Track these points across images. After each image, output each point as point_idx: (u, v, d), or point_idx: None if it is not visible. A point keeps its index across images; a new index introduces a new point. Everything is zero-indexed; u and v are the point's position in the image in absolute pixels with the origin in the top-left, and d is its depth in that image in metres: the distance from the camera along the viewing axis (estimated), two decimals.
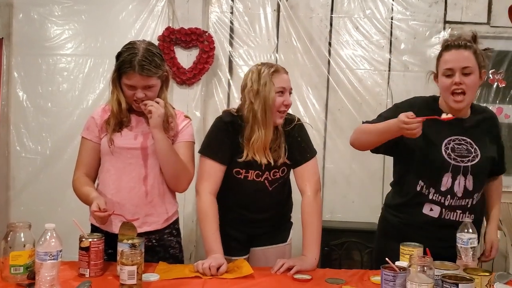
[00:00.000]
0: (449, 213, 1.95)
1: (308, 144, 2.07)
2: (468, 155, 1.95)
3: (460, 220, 1.92)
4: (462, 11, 3.59)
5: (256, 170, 2.00)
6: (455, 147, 1.95)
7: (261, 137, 1.93)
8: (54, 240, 1.48)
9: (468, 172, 1.93)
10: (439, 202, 1.94)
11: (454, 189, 1.93)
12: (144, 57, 1.86)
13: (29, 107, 3.61)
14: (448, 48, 1.93)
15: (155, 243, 1.97)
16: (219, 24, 3.61)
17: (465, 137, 1.97)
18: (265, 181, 2.02)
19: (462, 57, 1.89)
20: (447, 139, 1.96)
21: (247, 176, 2.01)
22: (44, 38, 3.60)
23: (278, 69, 1.99)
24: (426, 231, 1.93)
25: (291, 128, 2.02)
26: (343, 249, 3.40)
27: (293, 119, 2.06)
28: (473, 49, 1.91)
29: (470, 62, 1.89)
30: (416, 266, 1.43)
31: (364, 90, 3.62)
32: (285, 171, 2.05)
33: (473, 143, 1.97)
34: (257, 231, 2.11)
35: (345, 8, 3.64)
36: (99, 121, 1.99)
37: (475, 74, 1.90)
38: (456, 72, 1.88)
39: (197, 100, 3.54)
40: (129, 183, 1.93)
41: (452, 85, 1.89)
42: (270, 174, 2.02)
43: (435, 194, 1.95)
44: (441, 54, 1.96)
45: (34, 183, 3.58)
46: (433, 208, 1.96)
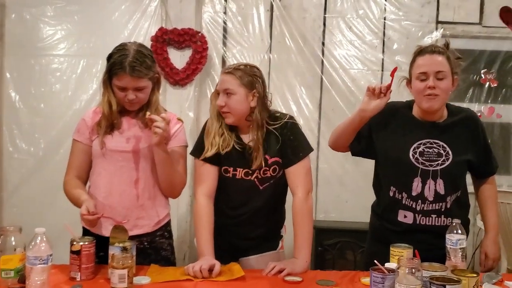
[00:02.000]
0: (424, 218, 1.97)
1: (301, 143, 2.02)
2: (438, 159, 1.95)
3: (436, 224, 1.95)
4: (454, 11, 3.61)
5: (245, 168, 1.99)
6: (425, 151, 1.97)
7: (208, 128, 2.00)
8: (44, 244, 1.48)
9: (437, 176, 1.94)
10: (411, 208, 1.97)
11: (425, 194, 1.95)
12: (135, 58, 1.86)
13: (21, 108, 3.60)
14: (422, 53, 1.96)
15: (147, 245, 1.98)
16: (212, 24, 3.61)
17: (438, 140, 1.98)
18: (255, 180, 2.00)
19: (436, 61, 1.93)
20: (417, 143, 1.98)
21: (235, 174, 2.01)
22: (36, 38, 3.59)
23: (222, 70, 2.04)
24: (406, 236, 1.92)
25: (281, 126, 1.98)
26: (337, 249, 3.41)
27: (282, 118, 2.01)
28: (446, 55, 1.95)
29: (443, 66, 1.92)
30: (405, 268, 1.44)
31: (357, 90, 3.63)
32: (277, 170, 2.01)
33: (446, 146, 1.97)
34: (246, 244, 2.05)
35: (338, 8, 3.65)
36: (90, 123, 1.98)
37: (448, 79, 1.94)
38: (430, 76, 1.92)
39: (190, 101, 3.54)
40: (120, 186, 1.94)
41: (425, 89, 1.92)
42: (260, 173, 1.99)
43: (407, 199, 1.97)
44: (415, 59, 1.99)
45: (26, 184, 3.57)
46: (407, 214, 1.98)
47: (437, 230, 1.93)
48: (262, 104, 1.98)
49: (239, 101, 1.94)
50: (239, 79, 1.94)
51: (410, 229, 1.97)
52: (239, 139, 2.01)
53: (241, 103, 1.95)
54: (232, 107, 1.95)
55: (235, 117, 1.97)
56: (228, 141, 1.98)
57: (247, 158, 1.98)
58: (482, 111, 3.65)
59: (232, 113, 1.96)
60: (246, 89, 1.95)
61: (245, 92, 1.95)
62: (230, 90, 1.94)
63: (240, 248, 2.05)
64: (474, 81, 3.67)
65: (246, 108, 1.96)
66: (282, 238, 2.14)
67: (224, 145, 1.97)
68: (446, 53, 1.95)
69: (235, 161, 2.00)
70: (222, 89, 1.96)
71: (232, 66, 2.00)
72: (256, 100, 1.96)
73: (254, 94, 1.96)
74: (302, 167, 2.00)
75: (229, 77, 1.95)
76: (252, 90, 1.95)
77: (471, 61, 3.63)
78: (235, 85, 1.94)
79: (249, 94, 1.95)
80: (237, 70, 1.96)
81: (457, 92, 3.64)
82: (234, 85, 1.94)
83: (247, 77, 1.95)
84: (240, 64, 2.02)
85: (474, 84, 3.67)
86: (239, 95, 1.94)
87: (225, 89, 1.95)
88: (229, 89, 1.94)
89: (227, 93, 1.94)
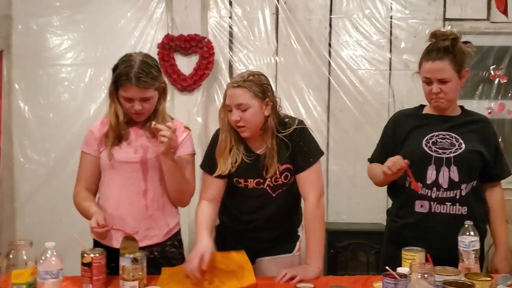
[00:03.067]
0: (438, 206, 1.98)
1: (311, 148, 1.98)
2: (451, 147, 1.99)
3: (451, 212, 1.96)
4: (461, 7, 3.58)
5: (256, 178, 1.97)
6: (438, 141, 2.00)
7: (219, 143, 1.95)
8: (54, 258, 1.49)
9: (451, 163, 1.96)
10: (427, 196, 1.98)
11: (439, 181, 1.97)
12: (141, 69, 1.86)
13: (31, 119, 3.63)
14: (427, 58, 1.99)
15: (158, 255, 1.97)
16: (218, 29, 3.61)
17: (450, 132, 2.02)
18: (267, 188, 1.99)
19: (438, 69, 1.95)
20: (430, 135, 2.02)
21: (247, 185, 1.99)
22: (43, 48, 3.62)
23: (229, 84, 1.94)
24: (421, 232, 1.96)
25: (290, 133, 1.95)
26: (349, 250, 3.40)
27: (292, 123, 1.97)
28: (450, 57, 1.95)
29: (445, 73, 1.95)
30: (417, 273, 1.43)
31: (365, 90, 3.62)
32: (289, 177, 1.99)
33: (459, 137, 2.00)
34: (263, 246, 2.04)
35: (344, 9, 3.63)
36: (97, 135, 1.99)
37: (452, 81, 1.97)
38: (433, 82, 1.97)
39: (198, 106, 3.54)
40: (129, 197, 1.94)
41: (431, 94, 1.99)
42: (272, 180, 1.98)
43: (423, 188, 1.99)
44: (421, 61, 2.02)
45: (38, 194, 3.60)
46: (423, 204, 2.00)
47: (452, 219, 1.94)
48: (275, 111, 1.95)
49: (255, 113, 1.88)
50: (250, 91, 1.87)
51: (425, 219, 1.98)
52: (248, 149, 1.98)
53: (256, 115, 1.89)
54: (248, 121, 1.89)
55: (251, 130, 1.92)
56: (236, 155, 1.95)
57: (258, 168, 1.95)
58: (492, 107, 3.61)
59: (248, 127, 1.90)
60: (260, 100, 1.89)
61: (259, 103, 1.89)
62: (244, 104, 1.87)
63: (256, 250, 2.04)
64: (483, 78, 3.63)
65: (262, 119, 1.92)
66: (300, 239, 2.11)
67: (233, 160, 1.95)
68: (451, 55, 1.95)
69: (245, 173, 1.97)
70: (234, 104, 1.88)
71: (240, 78, 1.91)
72: (270, 108, 1.92)
73: (267, 103, 1.91)
74: (313, 173, 1.97)
75: (240, 91, 1.88)
76: (265, 99, 1.90)
77: (480, 58, 3.59)
78: (248, 98, 1.87)
79: (262, 104, 1.90)
80: (247, 82, 1.88)
81: (466, 89, 3.62)
82: (247, 98, 1.87)
83: (258, 87, 1.89)
84: (247, 74, 1.92)
85: (483, 80, 3.64)
86: (253, 107, 1.88)
87: (238, 104, 1.87)
88: (243, 104, 1.87)
89: (241, 108, 1.88)
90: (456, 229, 1.83)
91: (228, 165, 1.94)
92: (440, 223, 1.96)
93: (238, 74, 1.98)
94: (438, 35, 2.00)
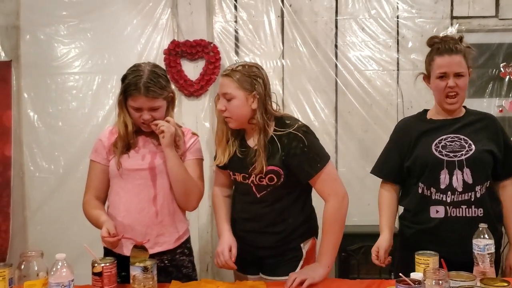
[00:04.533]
0: (454, 210, 1.96)
1: (316, 153, 1.90)
2: (461, 150, 1.98)
3: (467, 215, 1.95)
4: (469, 5, 3.53)
5: (242, 173, 1.95)
6: (447, 145, 2.00)
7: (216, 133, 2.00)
8: (65, 269, 1.49)
9: (463, 166, 1.95)
10: (442, 201, 1.97)
11: (453, 185, 1.95)
12: (149, 79, 1.87)
13: (40, 127, 3.65)
14: (441, 53, 1.99)
15: (168, 263, 1.98)
16: (223, 34, 3.61)
17: (458, 134, 2.01)
18: (251, 184, 1.94)
19: (455, 62, 1.97)
20: (438, 139, 2.01)
21: (235, 178, 2.00)
22: (51, 57, 3.63)
23: (221, 73, 2.01)
24: (438, 237, 1.95)
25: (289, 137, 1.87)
26: (361, 253, 3.36)
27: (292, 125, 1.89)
28: (462, 52, 1.99)
29: (462, 67, 1.98)
30: (431, 279, 1.41)
31: (373, 91, 3.59)
32: (274, 180, 1.89)
33: (468, 139, 2.00)
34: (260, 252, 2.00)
35: (350, 10, 3.60)
36: (106, 144, 2.00)
37: (466, 76, 2.00)
38: (450, 76, 1.97)
39: (205, 111, 3.54)
40: (139, 205, 1.94)
41: (446, 88, 1.98)
42: (256, 179, 1.91)
43: (437, 193, 1.97)
44: (433, 57, 2.02)
45: (49, 202, 3.61)
46: (438, 209, 1.98)
47: (469, 221, 1.92)
48: (263, 106, 1.88)
49: (239, 105, 1.86)
50: (236, 81, 1.85)
51: (442, 224, 1.97)
52: (243, 143, 1.98)
53: (241, 107, 1.86)
54: (232, 112, 1.87)
55: (236, 121, 1.90)
56: (230, 147, 1.96)
57: (246, 162, 1.92)
58: (503, 105, 3.56)
59: (233, 118, 1.89)
60: (245, 92, 1.85)
61: (244, 95, 1.85)
62: (228, 94, 1.86)
63: (260, 256, 2.00)
64: (493, 76, 3.58)
65: (247, 112, 1.88)
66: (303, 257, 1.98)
67: (229, 151, 1.96)
68: (463, 50, 1.99)
69: (236, 166, 1.97)
70: (221, 93, 1.89)
71: (230, 67, 1.90)
72: (257, 102, 1.87)
73: (255, 95, 1.86)
74: (326, 175, 1.90)
75: (227, 80, 1.86)
76: (251, 92, 1.86)
77: (489, 55, 3.54)
78: (233, 88, 1.85)
79: (248, 96, 1.86)
80: (235, 72, 1.86)
81: (476, 87, 3.58)
82: (232, 88, 1.85)
83: (245, 78, 1.85)
84: (239, 64, 1.91)
85: (493, 78, 3.59)
86: (238, 98, 1.85)
87: (224, 93, 1.87)
88: (228, 93, 1.86)
89: (226, 97, 1.87)
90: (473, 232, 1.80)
91: (226, 155, 1.96)
92: (457, 227, 1.94)
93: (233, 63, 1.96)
94: (448, 37, 2.04)
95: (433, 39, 2.05)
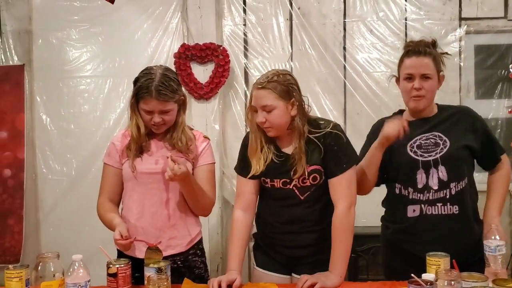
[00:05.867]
0: (430, 208, 1.98)
1: (345, 153, 1.92)
2: (436, 148, 1.99)
3: (442, 213, 1.96)
4: (477, 6, 3.53)
5: (283, 178, 1.94)
6: (422, 144, 2.01)
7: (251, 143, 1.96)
8: (82, 270, 1.52)
9: (439, 164, 1.97)
10: (418, 200, 1.99)
11: (429, 184, 1.97)
12: (161, 82, 1.89)
13: (52, 130, 3.70)
14: (409, 54, 2.01)
15: (180, 264, 2.00)
16: (233, 37, 3.64)
17: (433, 132, 2.02)
18: (294, 189, 1.94)
19: (422, 64, 1.98)
20: (413, 139, 2.02)
21: (273, 185, 1.97)
22: (63, 61, 3.69)
23: (254, 85, 1.91)
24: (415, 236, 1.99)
25: (324, 136, 1.90)
26: (370, 254, 3.37)
27: (326, 126, 1.93)
28: (432, 56, 1.99)
29: (429, 69, 1.98)
30: (443, 280, 1.42)
31: (382, 93, 3.59)
32: (317, 179, 1.93)
33: (442, 135, 2.01)
34: (297, 252, 1.99)
35: (358, 12, 3.62)
36: (119, 147, 2.03)
37: (433, 79, 2.00)
38: (416, 78, 1.98)
39: (215, 113, 3.57)
40: (152, 208, 1.97)
41: (412, 90, 1.99)
42: (299, 181, 1.93)
43: (414, 193, 2.00)
44: (402, 59, 2.05)
45: (61, 204, 3.67)
46: (415, 208, 2.00)
47: (444, 219, 1.95)
48: (301, 111, 1.91)
49: (280, 114, 1.87)
50: (275, 92, 1.85)
51: (417, 223, 1.99)
52: (278, 149, 1.97)
53: (281, 116, 1.88)
54: (273, 122, 1.88)
55: (277, 130, 1.91)
56: (267, 154, 1.95)
57: (286, 168, 1.93)
58: None
59: (274, 128, 1.90)
60: (284, 101, 1.87)
61: (284, 104, 1.87)
62: (268, 106, 1.86)
63: (297, 256, 2.00)
64: (502, 77, 3.57)
65: (288, 119, 1.90)
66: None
67: (264, 159, 1.94)
68: (433, 54, 2.00)
69: (273, 173, 1.95)
70: (259, 106, 1.88)
71: (264, 79, 1.88)
72: (296, 109, 1.90)
73: (293, 103, 1.89)
74: (345, 179, 1.90)
75: (264, 92, 1.86)
76: (290, 99, 1.88)
77: (498, 57, 3.54)
78: (272, 99, 1.86)
79: (288, 104, 1.88)
80: (271, 83, 1.86)
81: (485, 88, 3.57)
82: (272, 99, 1.86)
83: (282, 87, 1.87)
84: (272, 75, 1.89)
85: (502, 79, 3.58)
86: (278, 109, 1.86)
87: (262, 106, 1.87)
88: (267, 105, 1.86)
89: (266, 109, 1.87)
90: (448, 229, 1.91)
91: (261, 164, 1.94)
92: (431, 225, 1.97)
93: (263, 74, 1.94)
94: (415, 41, 2.07)
95: (408, 43, 2.10)
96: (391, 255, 2.14)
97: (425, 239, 1.96)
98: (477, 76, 3.57)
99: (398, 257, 2.07)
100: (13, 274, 1.63)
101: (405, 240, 2.02)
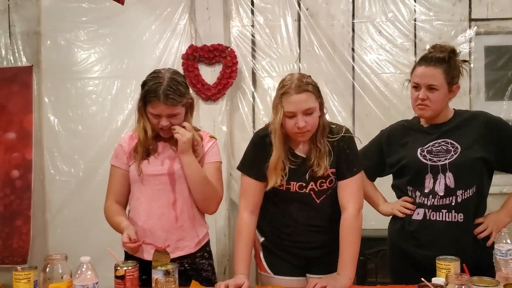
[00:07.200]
0: (434, 214, 1.97)
1: (356, 157, 1.96)
2: (446, 155, 1.97)
3: (447, 220, 1.95)
4: (487, 7, 3.50)
5: (299, 182, 1.93)
6: (433, 149, 2.00)
7: (273, 159, 1.89)
8: (90, 272, 1.52)
9: (446, 170, 1.95)
10: (423, 204, 1.99)
11: (435, 189, 1.96)
12: (169, 86, 1.89)
13: (60, 131, 3.71)
14: (420, 63, 1.99)
15: (188, 267, 2.00)
16: (240, 38, 3.63)
17: (445, 138, 2.00)
18: (310, 192, 1.95)
19: (429, 74, 1.94)
20: (425, 145, 2.01)
21: (289, 188, 1.95)
22: (71, 63, 3.70)
23: (288, 90, 1.84)
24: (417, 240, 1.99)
25: (338, 139, 1.92)
26: (379, 257, 3.34)
27: (339, 130, 1.95)
28: (444, 67, 1.94)
29: (435, 80, 1.94)
30: (454, 284, 1.40)
31: (391, 94, 3.56)
32: (334, 182, 1.95)
33: (454, 142, 1.98)
34: (312, 253, 2.01)
35: (367, 13, 3.59)
36: (127, 149, 2.03)
37: (441, 91, 1.95)
38: (421, 88, 1.96)
39: (223, 115, 3.56)
40: (159, 210, 1.96)
41: (417, 99, 1.98)
42: (316, 185, 1.94)
43: (420, 197, 2.00)
44: (415, 66, 2.03)
45: (69, 205, 3.68)
46: (419, 212, 2.01)
47: (448, 226, 1.94)
48: (323, 112, 1.94)
49: (317, 116, 1.88)
50: (314, 94, 1.86)
51: (419, 227, 1.99)
52: (293, 152, 1.96)
53: (317, 117, 1.89)
54: (313, 124, 1.87)
55: (311, 132, 1.91)
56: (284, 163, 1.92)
57: (302, 171, 1.93)
58: None
59: (311, 130, 1.89)
60: (318, 101, 1.89)
61: (319, 105, 1.89)
62: (311, 108, 1.85)
63: (311, 256, 2.01)
64: None
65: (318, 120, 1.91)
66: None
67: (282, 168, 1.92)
68: (446, 64, 1.94)
69: (288, 176, 1.93)
70: (301, 110, 1.83)
71: (300, 83, 1.84)
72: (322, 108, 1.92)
73: (321, 102, 1.92)
74: (355, 182, 1.93)
75: (305, 95, 1.83)
76: (319, 99, 1.90)
77: (508, 58, 3.50)
78: (313, 101, 1.85)
79: (319, 104, 1.90)
80: (309, 85, 1.85)
81: (496, 90, 3.54)
82: (313, 101, 1.85)
83: (315, 88, 1.88)
84: (301, 77, 1.88)
85: None
86: (317, 110, 1.87)
87: (306, 109, 1.84)
88: (311, 108, 1.85)
89: (308, 112, 1.85)
90: (451, 237, 1.90)
91: (279, 175, 1.91)
92: (435, 230, 1.96)
93: (287, 79, 1.89)
94: (437, 47, 2.01)
95: (429, 48, 2.03)
96: (395, 257, 2.14)
97: (427, 244, 1.96)
98: (487, 78, 3.54)
99: (401, 260, 2.08)
100: (21, 276, 1.64)
101: (408, 243, 2.02)
